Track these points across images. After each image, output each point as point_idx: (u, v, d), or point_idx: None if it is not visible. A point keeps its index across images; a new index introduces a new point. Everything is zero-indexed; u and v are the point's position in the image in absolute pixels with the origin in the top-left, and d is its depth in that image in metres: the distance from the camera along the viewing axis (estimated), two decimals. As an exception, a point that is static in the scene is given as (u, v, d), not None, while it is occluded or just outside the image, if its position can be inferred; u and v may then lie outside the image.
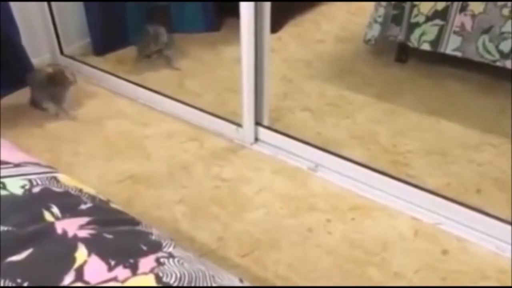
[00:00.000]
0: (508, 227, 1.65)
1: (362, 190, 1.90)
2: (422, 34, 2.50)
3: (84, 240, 0.89)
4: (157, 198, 1.89)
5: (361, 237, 1.71)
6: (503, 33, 2.29)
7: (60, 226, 0.92)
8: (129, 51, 2.91)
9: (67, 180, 1.09)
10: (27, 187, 1.02)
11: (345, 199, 1.87)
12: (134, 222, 1.00)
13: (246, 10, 1.87)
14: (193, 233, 1.73)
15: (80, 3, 2.76)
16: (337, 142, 2.14)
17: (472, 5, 2.33)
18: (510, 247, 1.64)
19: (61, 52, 2.75)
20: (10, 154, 1.15)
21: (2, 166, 1.08)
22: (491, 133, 2.19)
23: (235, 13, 1.92)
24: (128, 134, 2.25)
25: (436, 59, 2.61)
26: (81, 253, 0.86)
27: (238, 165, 2.05)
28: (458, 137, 2.19)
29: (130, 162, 2.08)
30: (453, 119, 2.28)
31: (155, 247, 0.91)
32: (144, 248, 0.90)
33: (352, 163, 1.95)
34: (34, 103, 2.39)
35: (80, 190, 1.07)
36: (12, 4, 2.41)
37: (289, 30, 3.16)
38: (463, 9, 2.35)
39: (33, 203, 0.98)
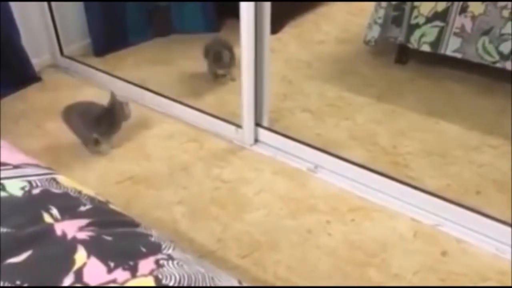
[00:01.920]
0: (508, 228, 1.65)
1: (361, 191, 1.90)
2: (422, 35, 2.50)
3: (83, 242, 0.88)
4: (156, 199, 1.89)
5: (361, 238, 1.71)
6: (503, 34, 2.29)
7: (60, 228, 0.92)
8: (129, 52, 2.91)
9: (66, 182, 1.09)
10: (26, 188, 1.02)
11: (344, 200, 1.87)
12: (133, 223, 1.00)
13: (246, 11, 1.87)
14: (192, 234, 1.73)
15: (80, 4, 2.76)
16: (337, 143, 2.14)
17: (472, 7, 2.33)
18: (509, 248, 1.64)
19: (61, 52, 2.75)
20: (10, 155, 1.15)
21: (1, 167, 1.08)
22: (491, 134, 2.19)
23: (235, 14, 1.92)
24: (127, 134, 2.24)
25: (436, 60, 2.62)
26: (81, 255, 0.86)
27: (238, 166, 2.05)
28: (458, 138, 2.19)
29: (130, 162, 2.08)
30: (453, 120, 2.28)
31: (155, 249, 0.91)
32: (144, 250, 0.90)
33: (351, 164, 1.94)
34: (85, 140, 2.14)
35: (80, 192, 1.07)
36: (12, 4, 2.41)
37: (289, 31, 3.16)
38: (463, 11, 2.35)
39: (32, 204, 0.98)
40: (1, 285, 0.80)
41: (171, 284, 0.82)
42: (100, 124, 2.08)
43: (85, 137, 2.12)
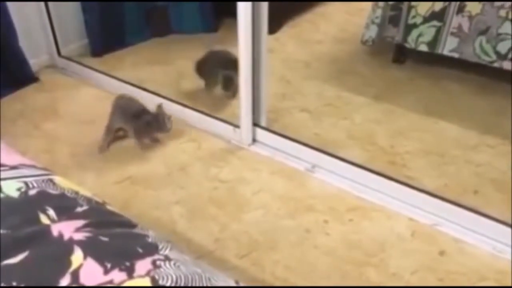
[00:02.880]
0: (505, 228, 1.65)
1: (359, 191, 1.90)
2: (420, 35, 2.50)
3: (80, 243, 0.88)
4: (155, 199, 1.89)
5: (359, 238, 1.71)
6: (500, 34, 2.29)
7: (56, 229, 0.92)
8: (127, 52, 2.91)
9: (63, 182, 1.09)
10: (23, 189, 1.02)
11: (342, 200, 1.87)
12: (130, 224, 1.00)
13: (243, 11, 1.87)
14: (191, 234, 1.73)
15: (78, 4, 2.76)
16: (335, 143, 2.14)
17: (469, 6, 2.33)
18: (507, 248, 1.65)
19: (59, 53, 2.75)
20: (6, 156, 1.15)
21: (-2, 168, 1.07)
22: (489, 134, 2.19)
23: (233, 14, 1.92)
24: (126, 135, 2.25)
25: (433, 60, 2.62)
26: (77, 256, 0.86)
27: (236, 166, 2.05)
28: (456, 138, 2.19)
29: (128, 163, 2.08)
30: (451, 120, 2.29)
31: (151, 249, 0.91)
32: (140, 250, 0.90)
33: (349, 164, 1.94)
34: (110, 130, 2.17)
35: (76, 193, 1.06)
36: (9, 5, 2.41)
37: (287, 30, 3.16)
38: (460, 10, 2.35)
39: (29, 205, 0.97)
40: (-2, 286, 0.80)
41: (167, 284, 0.82)
42: (136, 122, 2.11)
43: (111, 127, 2.16)
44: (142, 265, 0.86)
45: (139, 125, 2.12)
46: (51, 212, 0.96)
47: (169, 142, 2.20)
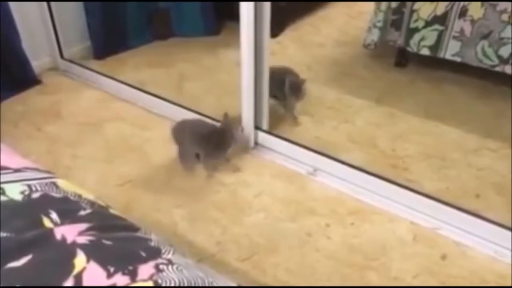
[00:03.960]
0: (506, 232, 1.65)
1: (361, 194, 1.90)
2: (422, 39, 2.50)
3: (83, 247, 0.89)
4: (156, 202, 1.89)
5: (360, 241, 1.71)
6: (502, 38, 2.30)
7: (59, 232, 0.92)
8: (129, 55, 2.92)
9: (66, 186, 1.09)
10: (26, 192, 1.02)
11: (344, 203, 1.87)
12: (133, 228, 1.00)
13: (246, 12, 1.87)
14: (192, 237, 1.73)
15: (81, 6, 2.77)
16: (336, 146, 2.15)
17: (472, 11, 2.33)
18: (508, 252, 1.65)
19: (61, 55, 2.75)
20: (10, 159, 1.15)
21: (1, 171, 1.08)
22: (490, 137, 2.19)
23: (235, 17, 1.92)
24: (127, 137, 2.25)
25: (435, 63, 2.62)
26: (80, 259, 0.86)
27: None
28: (457, 141, 2.19)
29: (129, 165, 2.08)
30: (452, 123, 2.29)
31: (154, 253, 0.91)
32: (143, 254, 0.90)
33: (351, 167, 1.95)
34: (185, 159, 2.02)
35: (80, 196, 1.07)
36: (12, 6, 2.41)
37: (289, 34, 3.17)
38: (462, 15, 2.36)
39: (32, 209, 0.98)
40: (1, 289, 0.80)
41: None
42: (208, 142, 1.97)
43: (186, 153, 2.04)
44: (145, 269, 0.86)
45: (211, 148, 1.97)
46: (54, 215, 0.96)
47: (170, 144, 2.20)
